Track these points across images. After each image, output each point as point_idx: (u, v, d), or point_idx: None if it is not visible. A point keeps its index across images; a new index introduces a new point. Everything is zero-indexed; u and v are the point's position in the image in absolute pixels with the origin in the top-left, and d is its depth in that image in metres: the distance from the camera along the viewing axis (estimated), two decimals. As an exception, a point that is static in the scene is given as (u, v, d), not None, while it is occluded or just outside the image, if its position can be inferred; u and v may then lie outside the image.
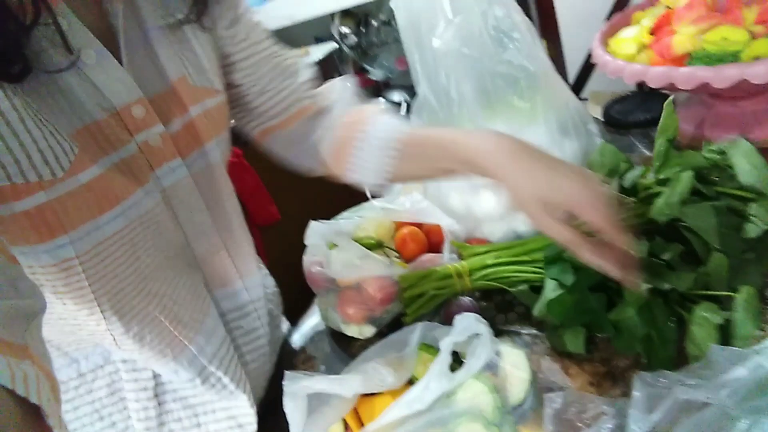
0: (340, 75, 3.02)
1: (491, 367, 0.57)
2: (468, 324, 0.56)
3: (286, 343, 0.86)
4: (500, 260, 0.75)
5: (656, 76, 0.79)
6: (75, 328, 0.57)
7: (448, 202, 0.87)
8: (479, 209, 0.84)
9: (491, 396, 0.54)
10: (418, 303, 0.73)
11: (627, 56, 0.89)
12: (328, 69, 2.74)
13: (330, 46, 2.65)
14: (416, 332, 0.62)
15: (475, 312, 0.72)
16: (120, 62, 0.52)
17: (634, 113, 1.05)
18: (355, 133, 0.68)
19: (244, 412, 0.68)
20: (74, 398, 0.63)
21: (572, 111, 0.79)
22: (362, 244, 0.81)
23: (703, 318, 0.57)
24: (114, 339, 0.56)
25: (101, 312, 0.53)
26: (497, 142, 0.56)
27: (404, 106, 3.86)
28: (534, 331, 0.71)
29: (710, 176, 0.69)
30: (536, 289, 0.72)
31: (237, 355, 0.68)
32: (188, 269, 0.62)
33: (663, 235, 0.65)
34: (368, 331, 0.81)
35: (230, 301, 0.68)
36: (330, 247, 0.79)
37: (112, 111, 0.50)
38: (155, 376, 0.64)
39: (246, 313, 0.70)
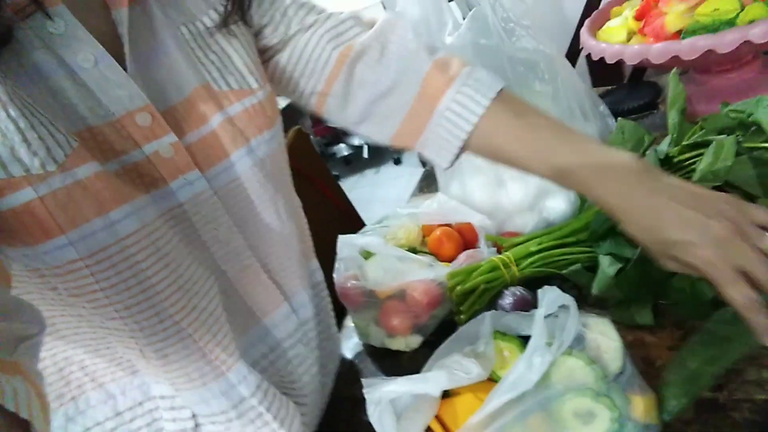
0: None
1: (578, 341, 0.53)
2: (554, 296, 0.53)
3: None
4: (545, 245, 0.73)
5: (658, 52, 0.82)
6: (103, 344, 0.52)
7: (473, 199, 0.85)
8: (508, 202, 0.83)
9: (590, 368, 0.51)
10: (471, 299, 0.70)
11: (619, 42, 0.92)
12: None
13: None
14: (486, 321, 0.58)
15: (528, 300, 0.70)
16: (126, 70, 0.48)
17: (625, 102, 1.08)
18: (435, 103, 0.56)
19: None
20: None
21: (584, 94, 0.80)
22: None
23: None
24: (140, 350, 0.50)
25: (120, 317, 0.48)
26: (602, 164, 0.46)
27: (366, 148, 3.91)
28: (595, 311, 0.69)
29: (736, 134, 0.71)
30: (588, 268, 0.70)
31: (282, 390, 0.61)
32: (225, 293, 0.56)
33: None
34: (415, 341, 0.77)
35: (279, 330, 0.61)
36: (365, 256, 0.76)
37: (110, 118, 0.46)
38: (194, 415, 0.57)
39: (296, 341, 0.62)
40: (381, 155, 3.96)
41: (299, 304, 0.64)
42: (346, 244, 0.79)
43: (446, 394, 0.61)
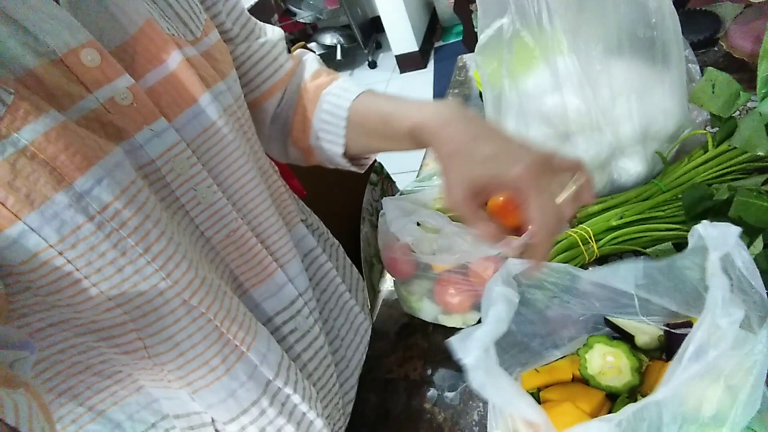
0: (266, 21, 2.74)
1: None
2: (720, 232, 0.42)
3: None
4: (627, 220, 0.65)
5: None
6: (95, 357, 0.44)
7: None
8: (574, 161, 0.73)
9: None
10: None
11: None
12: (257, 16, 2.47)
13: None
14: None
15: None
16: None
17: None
18: (309, 105, 0.61)
19: None
20: None
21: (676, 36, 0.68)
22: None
23: None
24: (146, 348, 0.43)
25: (116, 304, 0.40)
26: (449, 116, 0.49)
27: (338, 49, 3.62)
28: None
29: None
30: (679, 246, 0.63)
31: (300, 369, 0.54)
32: (211, 263, 0.48)
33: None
34: (473, 318, 0.70)
35: (274, 300, 0.53)
36: (426, 230, 0.66)
37: (52, 57, 0.38)
38: (216, 430, 0.49)
39: (296, 311, 0.55)
40: (355, 57, 3.70)
41: (295, 273, 0.56)
42: (394, 209, 0.68)
43: (538, 399, 0.55)
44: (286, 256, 0.55)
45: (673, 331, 0.52)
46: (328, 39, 3.59)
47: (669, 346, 0.53)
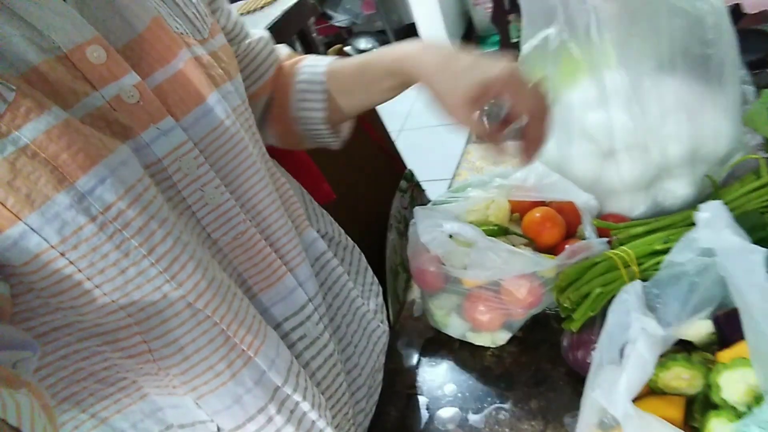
0: (304, 24, 2.75)
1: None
2: None
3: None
4: (671, 245, 0.62)
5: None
6: (99, 363, 0.43)
7: (570, 167, 0.72)
8: (617, 177, 0.70)
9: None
10: (585, 305, 0.59)
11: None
12: (295, 18, 2.47)
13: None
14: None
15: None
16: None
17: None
18: (287, 79, 0.64)
19: None
20: None
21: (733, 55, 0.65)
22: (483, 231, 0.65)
23: None
24: (151, 352, 0.42)
25: (119, 306, 0.39)
26: (422, 47, 0.55)
27: (372, 54, 3.63)
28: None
29: None
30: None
31: (309, 377, 0.52)
32: (219, 264, 0.46)
33: None
34: (502, 338, 0.67)
35: (283, 305, 0.52)
36: (458, 243, 0.63)
37: (57, 54, 0.38)
38: None
39: (306, 317, 0.53)
40: (388, 63, 3.69)
41: (305, 277, 0.54)
42: (425, 219, 0.66)
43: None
44: (296, 259, 0.53)
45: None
46: (363, 43, 3.59)
47: (723, 335, 0.51)
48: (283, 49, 0.67)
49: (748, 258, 0.46)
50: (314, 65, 0.63)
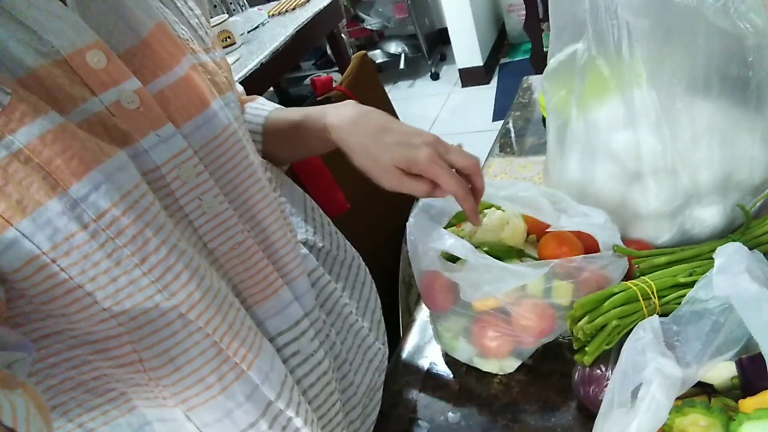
0: (336, 26, 2.74)
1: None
2: None
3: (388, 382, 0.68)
4: (696, 278, 0.58)
5: None
6: (88, 372, 0.42)
7: (592, 187, 0.69)
8: (642, 202, 0.66)
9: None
10: (600, 337, 0.56)
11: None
12: (326, 21, 2.47)
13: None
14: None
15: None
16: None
17: None
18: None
19: None
20: None
21: None
22: (494, 252, 0.63)
23: None
24: (141, 362, 0.41)
25: (110, 315, 0.39)
26: (342, 115, 0.57)
27: (402, 58, 3.61)
28: None
29: None
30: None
31: (302, 394, 0.51)
32: (217, 275, 0.45)
33: None
34: (511, 365, 0.64)
35: (278, 319, 0.50)
36: (461, 264, 0.61)
37: (56, 57, 0.37)
38: None
39: (301, 332, 0.52)
40: (418, 67, 3.67)
41: (303, 291, 0.52)
42: (431, 231, 0.64)
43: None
44: (294, 272, 0.52)
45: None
46: (393, 47, 3.58)
47: (746, 380, 0.48)
48: (238, 86, 0.68)
49: (765, 306, 0.42)
50: (258, 108, 0.65)
